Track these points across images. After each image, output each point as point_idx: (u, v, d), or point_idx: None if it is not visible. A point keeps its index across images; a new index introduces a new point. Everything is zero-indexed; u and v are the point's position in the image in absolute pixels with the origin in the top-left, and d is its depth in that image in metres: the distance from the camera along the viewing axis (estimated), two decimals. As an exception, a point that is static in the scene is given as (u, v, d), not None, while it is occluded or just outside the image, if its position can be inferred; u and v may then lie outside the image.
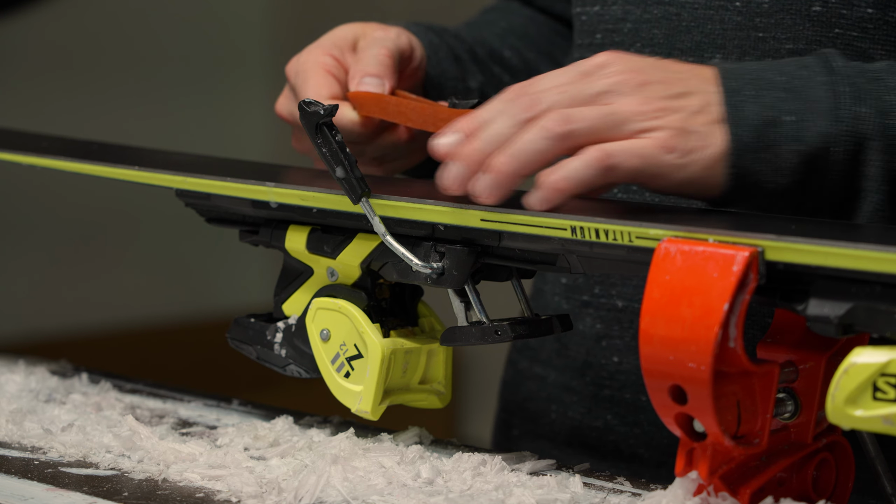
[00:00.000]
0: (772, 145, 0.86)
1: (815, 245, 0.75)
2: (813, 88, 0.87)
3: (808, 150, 0.86)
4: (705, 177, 0.86)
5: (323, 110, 0.90)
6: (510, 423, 1.21)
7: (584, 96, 0.86)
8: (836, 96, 0.86)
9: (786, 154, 0.86)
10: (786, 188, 0.87)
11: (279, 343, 0.98)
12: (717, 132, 0.86)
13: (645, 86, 0.86)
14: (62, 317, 3.10)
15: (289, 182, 0.95)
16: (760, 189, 0.87)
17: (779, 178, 0.86)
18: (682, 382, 0.76)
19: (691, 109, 0.86)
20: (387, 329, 0.94)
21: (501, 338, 0.89)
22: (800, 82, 0.87)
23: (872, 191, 0.86)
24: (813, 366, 0.81)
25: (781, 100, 0.87)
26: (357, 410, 0.93)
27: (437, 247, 0.90)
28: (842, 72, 0.87)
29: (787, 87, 0.87)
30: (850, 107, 0.86)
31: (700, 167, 0.86)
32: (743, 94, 0.87)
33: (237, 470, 0.88)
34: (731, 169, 0.86)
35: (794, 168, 0.86)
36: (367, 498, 0.84)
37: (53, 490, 0.87)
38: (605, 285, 1.08)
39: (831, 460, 0.84)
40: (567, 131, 0.85)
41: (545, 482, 0.86)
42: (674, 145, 0.85)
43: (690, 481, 0.79)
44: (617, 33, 1.06)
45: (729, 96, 0.86)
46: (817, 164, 0.86)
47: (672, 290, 0.77)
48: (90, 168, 1.04)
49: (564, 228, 0.83)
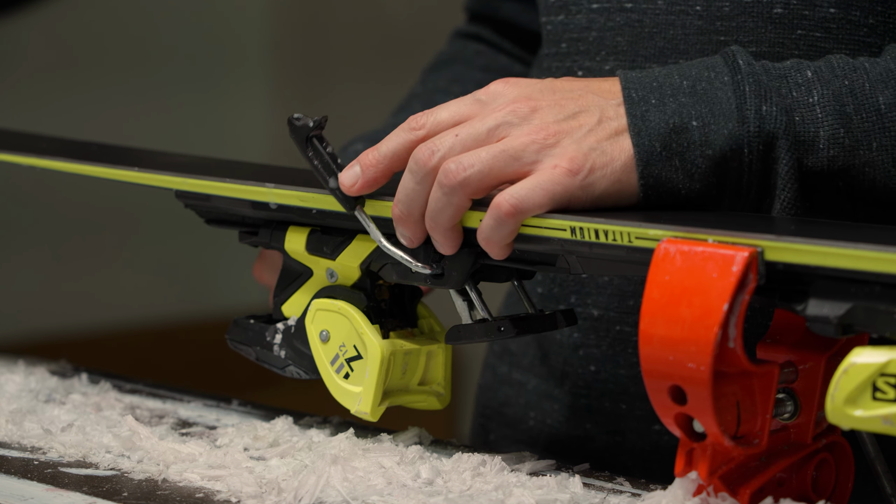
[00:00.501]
0: (681, 152, 0.86)
1: (814, 245, 0.75)
2: (717, 90, 0.87)
3: (718, 153, 0.86)
4: (617, 190, 0.86)
5: (312, 122, 0.90)
6: (487, 427, 1.21)
7: (477, 135, 0.87)
8: (741, 96, 0.86)
9: (696, 159, 0.86)
10: (701, 191, 0.87)
11: (278, 344, 0.98)
12: (620, 144, 0.86)
13: (536, 112, 0.87)
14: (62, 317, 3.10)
15: (288, 183, 0.95)
16: (676, 194, 0.87)
17: (692, 183, 0.86)
18: (682, 383, 0.76)
19: (587, 127, 0.86)
20: (386, 330, 0.94)
21: (505, 334, 0.89)
22: (704, 85, 0.87)
23: (784, 188, 0.86)
24: (812, 366, 0.81)
25: (686, 105, 0.86)
26: (356, 411, 0.93)
27: (436, 247, 0.90)
28: (746, 70, 0.87)
29: (692, 92, 0.87)
30: (756, 106, 0.86)
31: (609, 182, 0.85)
32: (647, 103, 0.87)
33: (237, 470, 0.88)
34: (642, 179, 0.86)
35: (705, 172, 0.86)
36: (367, 498, 0.84)
37: (53, 490, 0.87)
38: (581, 294, 1.07)
39: (831, 461, 0.84)
40: (463, 180, 0.85)
41: (545, 482, 0.86)
42: (575, 168, 0.85)
43: (690, 481, 0.79)
44: (582, 42, 1.06)
45: (631, 107, 0.87)
46: (729, 166, 0.86)
47: (672, 290, 0.77)
48: (90, 169, 1.04)
49: (564, 229, 0.83)
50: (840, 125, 0.86)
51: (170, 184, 1.00)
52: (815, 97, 0.86)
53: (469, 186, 0.86)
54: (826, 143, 0.86)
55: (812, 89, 0.86)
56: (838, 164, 0.86)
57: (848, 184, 0.87)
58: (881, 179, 0.87)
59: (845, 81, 0.87)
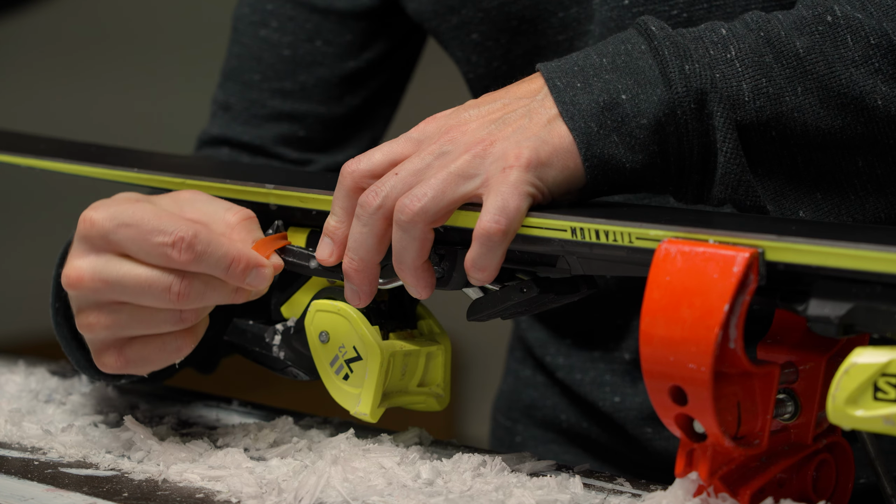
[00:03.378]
0: (617, 127, 0.86)
1: (815, 245, 0.75)
2: (637, 60, 0.87)
3: (653, 120, 0.86)
4: (566, 177, 0.86)
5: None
6: (514, 430, 1.21)
7: (417, 170, 0.86)
8: (662, 61, 0.86)
9: (633, 131, 0.86)
10: (646, 162, 0.87)
11: (278, 345, 0.98)
12: (556, 130, 0.86)
13: (466, 133, 0.86)
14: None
15: (288, 184, 0.95)
16: (622, 170, 0.86)
17: (635, 155, 0.86)
18: (683, 383, 0.76)
19: (519, 126, 0.86)
20: (386, 331, 0.94)
21: (528, 294, 0.88)
22: (624, 58, 0.87)
23: (724, 140, 0.86)
24: (813, 366, 0.81)
25: (611, 81, 0.86)
26: (356, 413, 0.93)
27: (437, 249, 0.90)
28: (661, 35, 0.87)
29: (613, 67, 0.87)
30: (678, 67, 0.86)
31: (558, 170, 0.85)
32: (573, 88, 0.87)
33: (237, 470, 0.88)
34: (586, 161, 0.86)
35: (644, 141, 0.86)
36: (367, 499, 0.84)
37: (53, 490, 0.87)
38: None
39: (831, 461, 0.84)
40: (419, 209, 0.85)
41: (545, 483, 0.86)
42: (524, 161, 0.84)
43: (690, 482, 0.79)
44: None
45: (558, 95, 0.86)
46: (667, 131, 0.86)
47: (672, 290, 0.77)
48: (89, 170, 1.04)
49: (564, 230, 0.83)
50: (761, 75, 0.86)
51: (169, 185, 1.00)
52: (733, 52, 0.86)
53: (427, 214, 0.85)
54: (751, 95, 0.86)
55: (728, 45, 0.86)
56: (766, 114, 0.86)
57: (781, 132, 0.86)
58: (812, 122, 0.86)
59: (760, 33, 0.87)
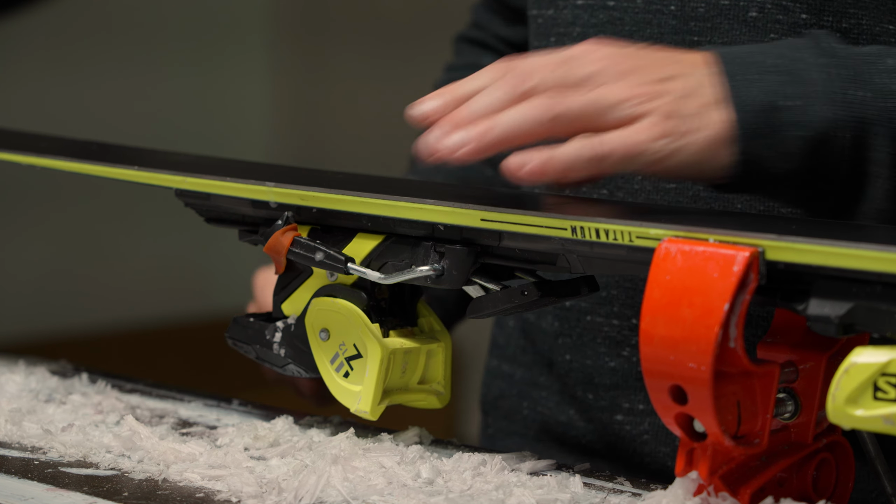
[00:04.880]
0: (777, 130, 0.85)
1: (815, 245, 0.75)
2: (810, 72, 0.86)
3: (814, 135, 0.85)
4: (704, 160, 0.85)
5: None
6: (486, 421, 1.21)
7: (572, 77, 0.85)
8: (835, 80, 0.85)
9: (791, 139, 0.85)
10: (792, 172, 0.86)
11: (278, 342, 0.98)
12: (713, 115, 0.85)
13: (630, 72, 0.85)
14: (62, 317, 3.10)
15: (288, 182, 0.95)
16: (767, 173, 0.86)
17: (786, 163, 0.86)
18: (683, 382, 0.76)
19: (680, 92, 0.85)
20: (386, 329, 0.94)
21: (528, 297, 0.88)
22: (798, 65, 0.86)
23: (880, 176, 0.85)
24: (813, 366, 0.81)
25: (782, 84, 0.85)
26: (356, 410, 0.93)
27: (436, 247, 0.90)
28: (836, 54, 0.86)
29: (786, 71, 0.86)
30: (851, 90, 0.85)
31: (695, 150, 0.84)
32: (745, 77, 0.85)
33: (237, 470, 0.88)
34: (740, 155, 0.85)
35: (800, 153, 0.85)
36: (367, 498, 0.84)
37: (53, 490, 0.86)
38: None
39: (831, 460, 0.84)
40: (555, 115, 0.84)
41: (545, 482, 0.86)
42: (664, 130, 0.84)
43: (690, 481, 0.79)
44: (567, 37, 1.06)
45: (731, 79, 0.85)
46: (823, 150, 0.85)
47: (672, 290, 0.77)
48: (90, 168, 1.04)
49: (565, 228, 0.83)
50: None
51: (170, 182, 1.00)
52: None
53: (558, 122, 0.84)
54: None
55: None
56: None
57: None
58: None
59: None
